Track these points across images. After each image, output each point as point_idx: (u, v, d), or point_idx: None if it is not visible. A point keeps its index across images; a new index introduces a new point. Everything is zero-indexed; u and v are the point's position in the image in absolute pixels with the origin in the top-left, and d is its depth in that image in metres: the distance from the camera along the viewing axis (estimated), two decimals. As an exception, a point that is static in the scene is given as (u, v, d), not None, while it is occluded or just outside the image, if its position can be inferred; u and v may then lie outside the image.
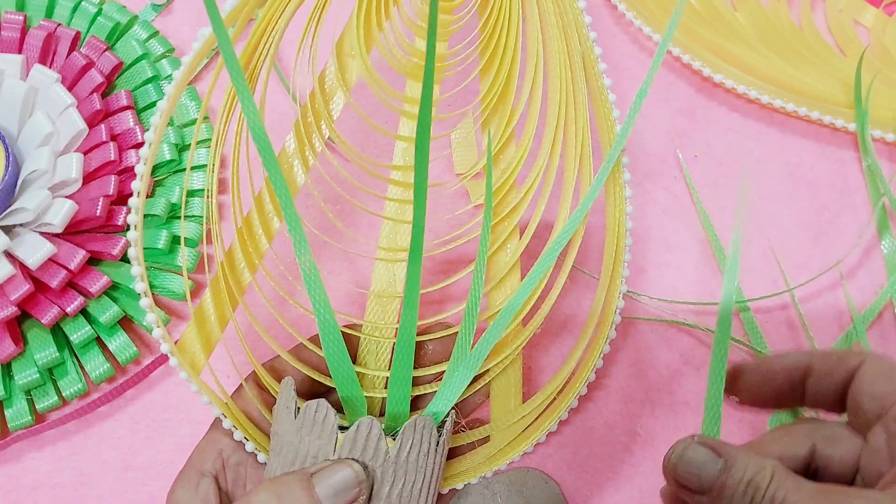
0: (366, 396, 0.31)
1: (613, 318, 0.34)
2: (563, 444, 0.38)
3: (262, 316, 0.34)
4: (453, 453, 0.35)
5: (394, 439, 0.29)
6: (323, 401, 0.29)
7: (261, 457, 0.32)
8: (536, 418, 0.35)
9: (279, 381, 0.32)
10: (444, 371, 0.32)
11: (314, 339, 0.32)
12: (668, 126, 0.44)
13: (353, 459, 0.28)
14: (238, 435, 0.31)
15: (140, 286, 0.31)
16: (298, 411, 0.29)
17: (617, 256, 0.34)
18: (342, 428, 0.29)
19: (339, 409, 0.30)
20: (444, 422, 0.31)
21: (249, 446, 0.32)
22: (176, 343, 0.32)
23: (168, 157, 0.39)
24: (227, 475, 0.31)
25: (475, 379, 0.33)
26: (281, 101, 0.41)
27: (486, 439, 0.35)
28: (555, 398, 0.35)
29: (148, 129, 0.39)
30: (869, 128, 0.43)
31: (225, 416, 0.31)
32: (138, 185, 0.31)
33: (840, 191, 0.43)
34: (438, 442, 0.30)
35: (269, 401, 0.32)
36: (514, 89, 0.35)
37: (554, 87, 0.35)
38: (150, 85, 0.40)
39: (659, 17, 0.45)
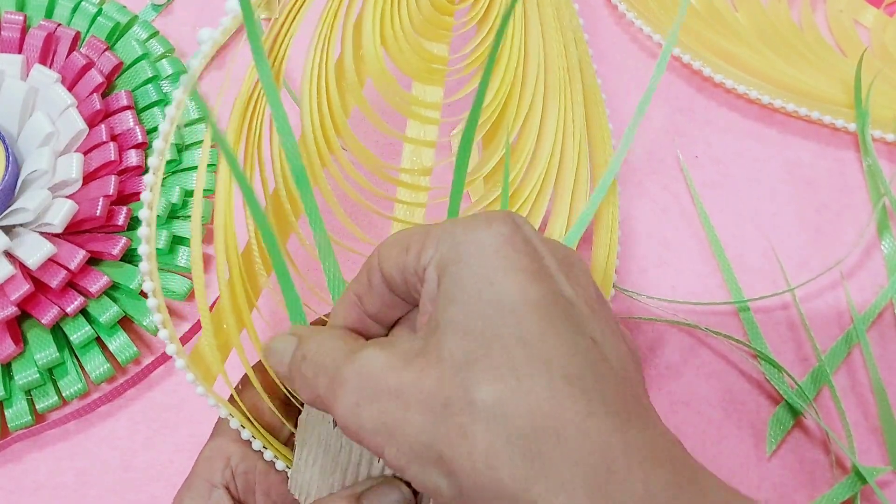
0: None
1: None
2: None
3: (263, 327, 0.34)
4: None
5: None
6: None
7: (279, 464, 0.31)
8: None
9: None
10: None
11: None
12: (668, 126, 0.44)
13: (398, 479, 0.27)
14: (257, 444, 0.30)
15: (153, 303, 0.29)
16: None
17: (609, 263, 0.35)
18: None
19: None
20: None
21: (268, 454, 0.30)
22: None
23: (168, 156, 0.39)
24: (237, 485, 0.31)
25: None
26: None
27: None
28: None
29: (150, 129, 0.39)
30: (869, 128, 0.43)
31: (244, 428, 0.30)
32: (150, 178, 0.31)
33: (840, 191, 0.43)
34: None
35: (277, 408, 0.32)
36: (516, 99, 0.36)
37: (553, 96, 0.36)
38: (150, 85, 0.40)
39: (659, 17, 0.45)
